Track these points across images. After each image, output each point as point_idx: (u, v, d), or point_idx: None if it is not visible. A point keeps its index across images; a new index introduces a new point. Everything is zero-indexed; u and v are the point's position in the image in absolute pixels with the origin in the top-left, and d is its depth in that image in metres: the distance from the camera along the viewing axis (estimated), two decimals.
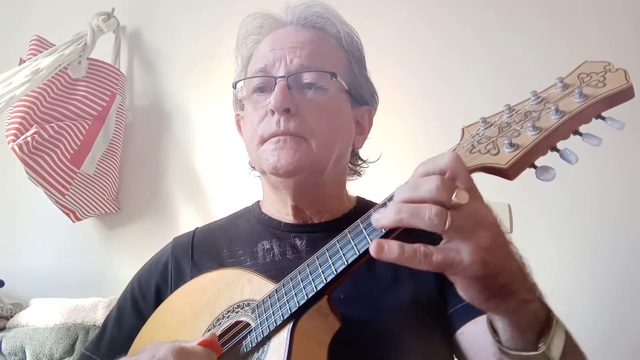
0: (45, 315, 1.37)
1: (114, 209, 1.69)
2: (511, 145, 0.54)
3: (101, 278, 1.62)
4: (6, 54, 1.78)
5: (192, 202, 1.68)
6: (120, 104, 1.69)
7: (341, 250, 0.61)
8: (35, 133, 1.44)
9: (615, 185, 1.39)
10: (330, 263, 0.62)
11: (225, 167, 1.63)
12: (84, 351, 0.91)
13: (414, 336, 0.75)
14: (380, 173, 1.04)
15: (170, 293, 0.86)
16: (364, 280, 0.80)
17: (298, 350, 0.61)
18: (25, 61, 1.53)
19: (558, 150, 0.55)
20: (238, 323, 0.72)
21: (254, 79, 0.88)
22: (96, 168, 1.62)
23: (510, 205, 1.44)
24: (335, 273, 0.61)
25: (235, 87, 0.91)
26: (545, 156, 0.56)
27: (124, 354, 0.82)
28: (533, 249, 1.35)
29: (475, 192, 0.52)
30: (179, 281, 0.87)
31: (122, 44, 1.81)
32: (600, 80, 0.54)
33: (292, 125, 0.81)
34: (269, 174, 0.85)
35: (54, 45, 1.59)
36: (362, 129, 0.95)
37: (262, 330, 0.66)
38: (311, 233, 0.88)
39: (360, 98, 0.93)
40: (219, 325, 0.74)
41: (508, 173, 0.54)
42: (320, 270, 0.63)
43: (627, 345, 1.30)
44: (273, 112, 0.82)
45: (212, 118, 1.68)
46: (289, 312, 0.64)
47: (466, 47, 1.55)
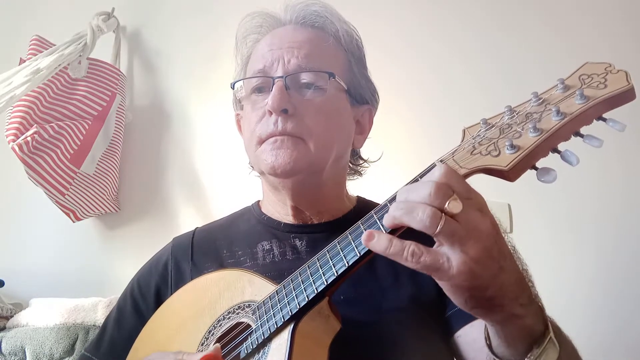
0: (45, 315, 1.37)
1: (114, 209, 1.69)
2: (512, 146, 0.54)
3: (101, 278, 1.62)
4: (6, 54, 1.78)
5: (192, 202, 1.67)
6: (120, 104, 1.69)
7: (342, 251, 0.61)
8: (35, 133, 1.44)
9: (616, 186, 1.39)
10: (331, 264, 0.62)
11: (225, 167, 1.63)
12: (84, 352, 0.91)
13: (415, 337, 0.75)
14: (381, 173, 1.04)
15: (170, 293, 0.86)
16: (364, 281, 0.79)
17: (299, 351, 0.61)
18: (25, 61, 1.52)
19: (559, 152, 0.55)
20: (239, 324, 0.72)
21: (253, 79, 0.87)
22: (96, 168, 1.61)
23: (510, 205, 1.44)
24: (335, 275, 0.61)
25: (233, 88, 0.91)
26: (546, 158, 0.55)
27: (124, 354, 0.83)
28: (533, 249, 1.36)
29: (473, 202, 0.52)
30: (179, 281, 0.87)
31: (122, 44, 1.81)
32: (601, 81, 0.54)
33: (290, 125, 0.81)
34: (267, 175, 0.85)
35: (54, 45, 1.59)
36: (362, 128, 0.94)
37: (263, 332, 0.66)
38: (311, 234, 0.88)
39: (360, 97, 0.92)
40: (220, 326, 0.74)
41: (509, 175, 0.54)
42: (321, 272, 0.63)
43: (628, 347, 1.30)
44: (271, 113, 0.82)
45: (212, 118, 1.68)
46: (290, 314, 0.63)
47: (466, 48, 1.55)
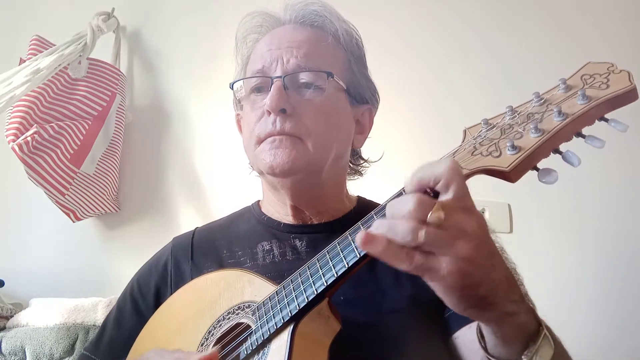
0: (45, 315, 1.37)
1: (114, 209, 1.69)
2: (513, 147, 0.54)
3: (101, 278, 1.62)
4: (6, 54, 1.78)
5: (192, 202, 1.67)
6: (120, 104, 1.68)
7: (341, 252, 0.61)
8: (35, 133, 1.43)
9: (617, 187, 1.38)
10: (331, 265, 0.62)
11: (225, 167, 1.63)
12: (84, 352, 0.91)
13: (415, 338, 0.75)
14: (381, 173, 1.04)
15: (170, 293, 0.86)
16: (364, 282, 0.79)
17: (299, 352, 0.61)
18: (25, 61, 1.52)
19: (561, 153, 0.55)
20: (239, 325, 0.72)
21: (252, 79, 0.87)
22: (96, 168, 1.61)
23: (510, 205, 1.44)
24: (335, 276, 0.61)
25: (232, 88, 0.91)
26: (548, 158, 0.55)
27: (123, 354, 0.83)
28: (533, 250, 1.36)
29: (464, 202, 0.52)
30: (179, 281, 0.87)
31: (122, 44, 1.81)
32: (603, 81, 0.54)
33: (288, 125, 0.81)
34: (266, 174, 0.85)
35: (54, 45, 1.59)
36: (362, 128, 0.94)
37: (263, 333, 0.65)
38: (311, 234, 0.88)
39: (360, 97, 0.92)
40: (220, 326, 0.73)
41: (510, 176, 0.54)
42: (321, 273, 0.63)
43: (629, 347, 1.29)
44: (269, 113, 0.82)
45: (212, 118, 1.68)
46: (290, 315, 0.63)
47: (466, 48, 1.55)
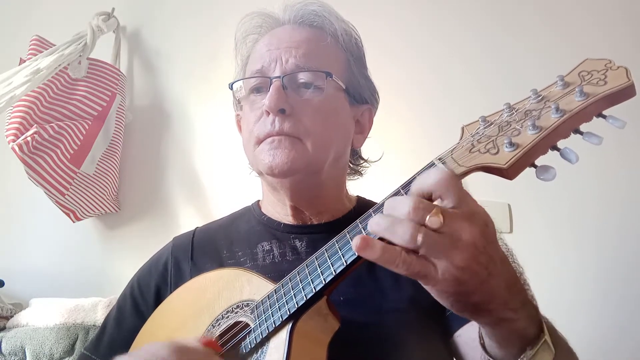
0: (45, 315, 1.37)
1: (114, 209, 1.69)
2: (511, 144, 0.54)
3: (101, 278, 1.62)
4: (6, 54, 1.78)
5: (192, 202, 1.67)
6: (120, 104, 1.69)
7: (340, 250, 0.61)
8: (35, 133, 1.44)
9: (617, 184, 1.38)
10: (329, 264, 0.62)
11: (225, 167, 1.63)
12: (84, 351, 0.91)
13: (415, 338, 0.75)
14: (381, 173, 1.04)
15: (170, 293, 0.86)
16: (364, 282, 0.79)
17: (297, 350, 0.61)
18: (25, 61, 1.53)
19: (558, 150, 0.54)
20: (237, 323, 0.71)
21: (251, 80, 0.87)
22: (96, 168, 1.61)
23: (510, 205, 1.43)
24: (334, 274, 0.61)
25: (231, 88, 0.91)
26: (546, 155, 0.55)
27: (123, 354, 0.82)
28: (533, 250, 1.36)
29: (461, 211, 0.51)
30: (179, 281, 0.87)
31: (122, 44, 1.81)
32: (601, 78, 0.53)
33: (287, 125, 0.81)
34: (266, 175, 0.85)
35: (54, 45, 1.59)
36: (362, 128, 0.94)
37: (262, 331, 0.65)
38: (311, 234, 0.88)
39: (360, 97, 0.92)
40: (219, 325, 0.73)
41: (508, 173, 0.54)
42: (319, 271, 0.63)
43: (630, 347, 1.29)
44: (268, 113, 0.82)
45: (212, 118, 1.68)
46: (288, 313, 0.63)
47: (466, 48, 1.55)
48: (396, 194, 0.59)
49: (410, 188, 0.55)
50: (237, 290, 0.75)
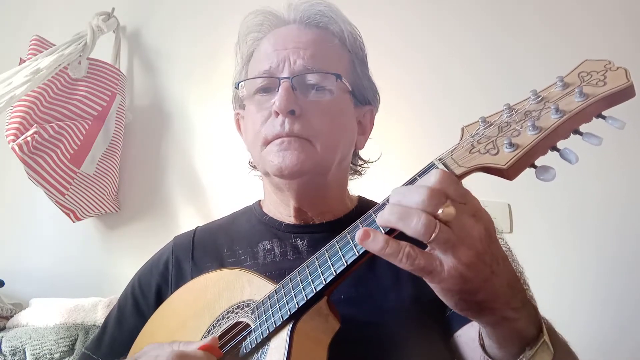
0: (45, 315, 1.37)
1: (114, 209, 1.69)
2: (511, 145, 0.53)
3: (101, 278, 1.62)
4: (6, 54, 1.78)
5: (192, 202, 1.67)
6: (120, 104, 1.69)
7: (340, 251, 0.61)
8: (35, 133, 1.44)
9: (616, 185, 1.38)
10: (330, 264, 0.62)
11: (225, 167, 1.63)
12: (85, 351, 0.91)
13: (415, 337, 0.75)
14: (381, 173, 1.04)
15: (171, 292, 0.86)
16: (365, 281, 0.79)
17: (298, 351, 0.61)
18: (25, 61, 1.52)
19: (558, 150, 0.54)
20: (238, 324, 0.72)
21: (258, 80, 0.87)
22: (96, 168, 1.61)
23: (510, 205, 1.43)
24: (334, 274, 0.61)
25: (237, 87, 0.90)
26: (545, 156, 0.55)
27: (124, 353, 0.82)
28: (533, 250, 1.36)
29: (467, 207, 0.51)
30: (180, 280, 0.87)
31: (122, 44, 1.81)
32: (600, 79, 0.53)
33: (297, 127, 0.80)
34: (273, 176, 0.84)
35: (54, 45, 1.59)
36: (364, 129, 0.94)
37: (262, 332, 0.65)
38: (312, 233, 0.88)
39: (363, 98, 0.92)
40: (219, 325, 0.73)
41: (508, 173, 0.54)
42: (320, 271, 0.63)
43: (630, 347, 1.29)
44: (277, 114, 0.81)
45: (212, 118, 1.68)
46: (289, 313, 0.63)
47: (466, 48, 1.55)
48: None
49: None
50: (238, 291, 0.75)
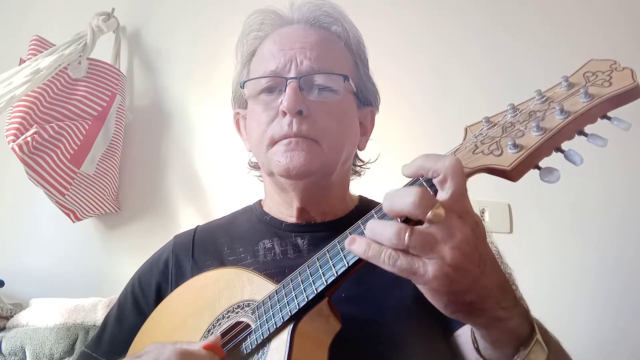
0: (45, 315, 1.37)
1: (114, 209, 1.68)
2: (515, 146, 0.53)
3: (101, 278, 1.61)
4: (6, 54, 1.77)
5: (192, 202, 1.67)
6: (120, 104, 1.68)
7: (342, 251, 0.61)
8: (35, 133, 1.43)
9: (619, 186, 1.38)
10: (331, 265, 0.61)
11: (225, 167, 1.63)
12: (85, 349, 0.91)
13: (416, 336, 0.74)
14: (381, 173, 1.03)
15: (171, 291, 0.86)
16: (366, 279, 0.79)
17: (298, 352, 0.61)
18: (25, 61, 1.52)
19: (563, 151, 0.54)
20: (238, 324, 0.71)
21: (263, 80, 0.86)
22: (96, 168, 1.61)
23: (510, 205, 1.43)
24: (335, 275, 0.60)
25: (242, 87, 0.90)
26: (550, 157, 0.55)
27: (124, 352, 0.82)
28: (533, 250, 1.36)
29: (459, 204, 0.51)
30: (180, 279, 0.87)
31: (122, 44, 1.81)
32: (606, 79, 0.53)
33: (305, 127, 0.80)
34: (278, 176, 0.84)
35: (54, 45, 1.59)
36: (365, 129, 0.94)
37: (263, 332, 0.65)
38: (313, 233, 0.88)
39: (365, 99, 0.92)
40: (219, 325, 0.73)
41: (511, 175, 0.53)
42: (321, 272, 0.62)
43: (631, 348, 1.29)
44: (285, 114, 0.81)
45: (212, 118, 1.68)
46: (289, 314, 0.63)
47: (466, 48, 1.55)
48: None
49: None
50: (238, 290, 0.75)
